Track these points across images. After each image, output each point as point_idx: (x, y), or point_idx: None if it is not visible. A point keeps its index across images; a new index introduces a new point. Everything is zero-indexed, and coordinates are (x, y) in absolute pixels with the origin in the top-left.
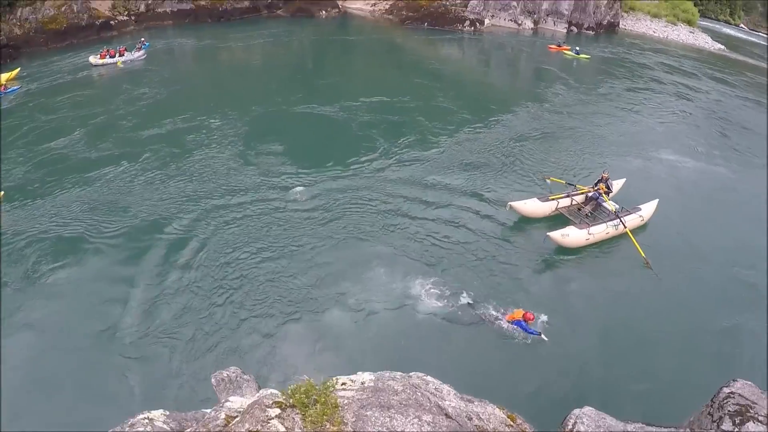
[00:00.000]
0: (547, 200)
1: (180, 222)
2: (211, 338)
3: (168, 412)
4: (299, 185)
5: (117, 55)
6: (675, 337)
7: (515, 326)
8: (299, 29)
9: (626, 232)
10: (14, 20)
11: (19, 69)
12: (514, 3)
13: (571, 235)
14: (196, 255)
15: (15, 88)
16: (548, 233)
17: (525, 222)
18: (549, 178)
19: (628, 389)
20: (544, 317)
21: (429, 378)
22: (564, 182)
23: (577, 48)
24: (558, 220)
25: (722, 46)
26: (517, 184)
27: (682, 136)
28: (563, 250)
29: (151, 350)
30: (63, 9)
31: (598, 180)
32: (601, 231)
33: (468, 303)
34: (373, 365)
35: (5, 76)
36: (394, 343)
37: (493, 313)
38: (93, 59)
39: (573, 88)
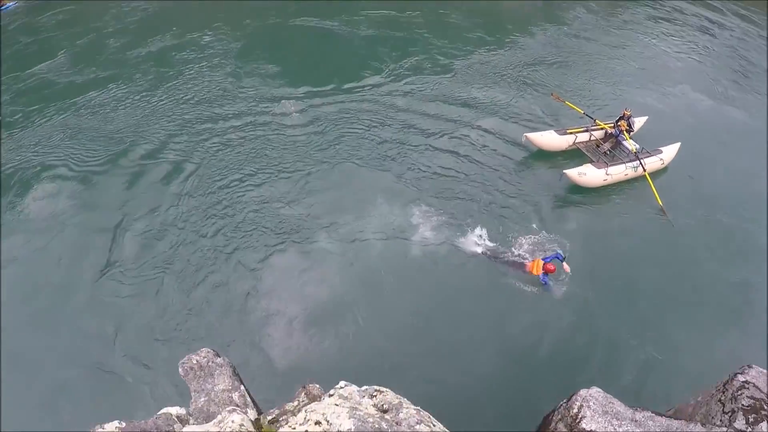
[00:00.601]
0: (565, 133)
1: (168, 147)
2: (196, 276)
3: (123, 424)
4: (294, 107)
5: None
6: (684, 291)
7: (539, 278)
8: None
9: (645, 175)
10: None
11: None
12: None
13: (588, 174)
14: (184, 183)
15: (11, 4)
16: (565, 171)
17: (540, 156)
18: (558, 97)
19: (634, 351)
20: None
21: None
22: (581, 111)
23: None
24: (575, 156)
25: None
26: (531, 113)
27: (701, 73)
28: (579, 189)
29: (134, 289)
30: None
31: (620, 117)
32: (619, 172)
33: (474, 240)
34: (365, 312)
35: None
36: (388, 286)
37: (502, 250)
38: None
39: (593, 11)
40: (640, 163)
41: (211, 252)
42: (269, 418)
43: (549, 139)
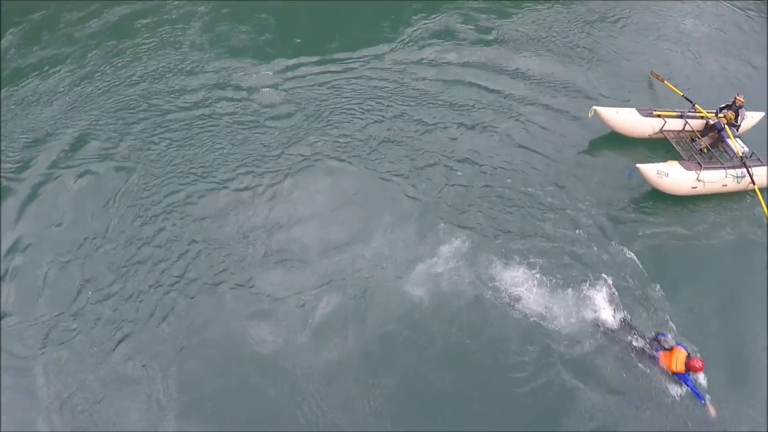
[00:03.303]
0: (650, 115)
1: (102, 140)
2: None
3: None
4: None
5: None
6: None
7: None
8: None
9: (754, 190)
10: None
11: None
12: None
13: (672, 176)
14: (114, 195)
15: None
16: (638, 165)
17: (611, 140)
18: (658, 76)
19: None
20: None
21: None
22: (680, 93)
23: None
24: (659, 147)
25: None
26: (606, 87)
27: None
28: (656, 195)
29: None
30: None
31: (727, 104)
32: (716, 179)
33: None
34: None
35: None
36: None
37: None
38: None
39: None
40: (748, 173)
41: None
42: None
43: (626, 118)
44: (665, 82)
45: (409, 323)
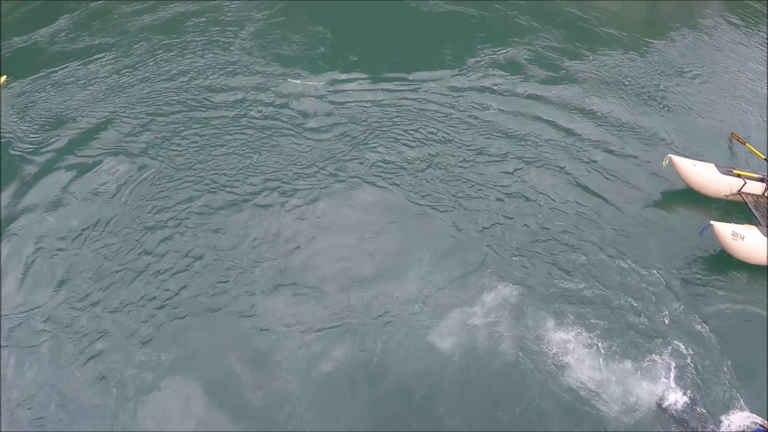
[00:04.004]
0: (730, 173)
1: (126, 133)
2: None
3: None
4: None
5: None
6: None
7: None
8: None
9: None
10: None
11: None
12: None
13: (748, 240)
14: (119, 189)
15: None
16: (712, 222)
17: (683, 196)
18: (739, 138)
19: None
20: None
21: None
22: (763, 156)
23: None
24: (736, 211)
25: None
26: (681, 140)
27: None
28: (732, 261)
29: None
30: None
31: None
32: None
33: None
34: None
35: None
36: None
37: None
38: None
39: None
40: None
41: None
42: None
43: (703, 173)
44: (747, 144)
45: (431, 381)
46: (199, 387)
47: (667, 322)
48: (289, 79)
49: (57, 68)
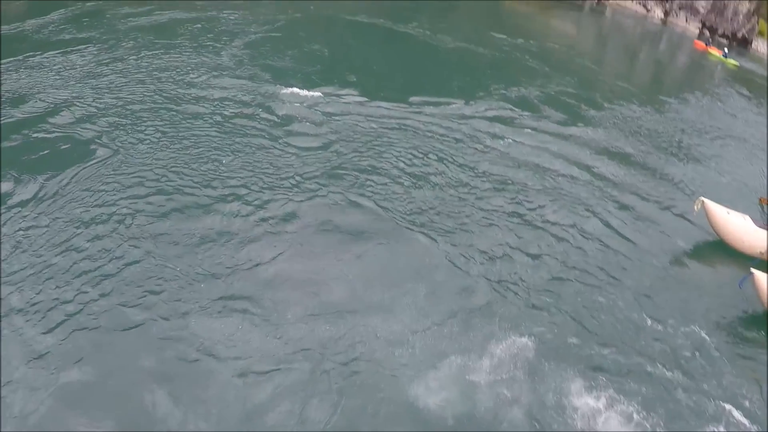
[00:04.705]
0: (765, 227)
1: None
2: None
3: None
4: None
5: None
6: None
7: None
8: None
9: None
10: None
11: None
12: None
13: None
14: (87, 162)
15: None
16: (753, 270)
17: (717, 247)
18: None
19: None
20: None
21: None
22: None
23: (726, 50)
24: None
25: None
26: (711, 194)
27: None
28: None
29: None
30: None
31: None
32: None
33: None
34: None
35: None
36: None
37: None
38: None
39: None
40: None
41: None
42: None
43: (737, 223)
44: None
45: None
46: (94, 423)
47: (712, 385)
48: (277, 86)
49: (36, 54)
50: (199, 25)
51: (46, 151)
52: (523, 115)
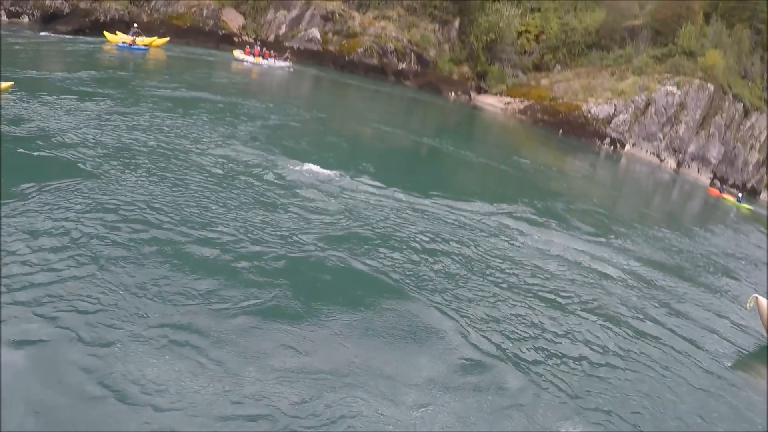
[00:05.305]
0: None
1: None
2: None
3: None
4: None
5: (262, 57)
6: None
7: None
8: (422, 107)
9: None
10: (147, 9)
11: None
12: (660, 135)
13: None
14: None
15: (145, 47)
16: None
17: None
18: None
19: None
20: None
21: None
22: None
23: (740, 195)
24: None
25: None
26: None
27: None
28: None
29: None
30: (193, 10)
31: None
32: None
33: None
34: None
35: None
36: None
37: None
38: (237, 53)
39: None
40: None
41: None
42: None
43: None
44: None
45: None
46: None
47: None
48: (290, 159)
49: (51, 95)
50: (221, 105)
51: (27, 166)
52: (550, 221)
